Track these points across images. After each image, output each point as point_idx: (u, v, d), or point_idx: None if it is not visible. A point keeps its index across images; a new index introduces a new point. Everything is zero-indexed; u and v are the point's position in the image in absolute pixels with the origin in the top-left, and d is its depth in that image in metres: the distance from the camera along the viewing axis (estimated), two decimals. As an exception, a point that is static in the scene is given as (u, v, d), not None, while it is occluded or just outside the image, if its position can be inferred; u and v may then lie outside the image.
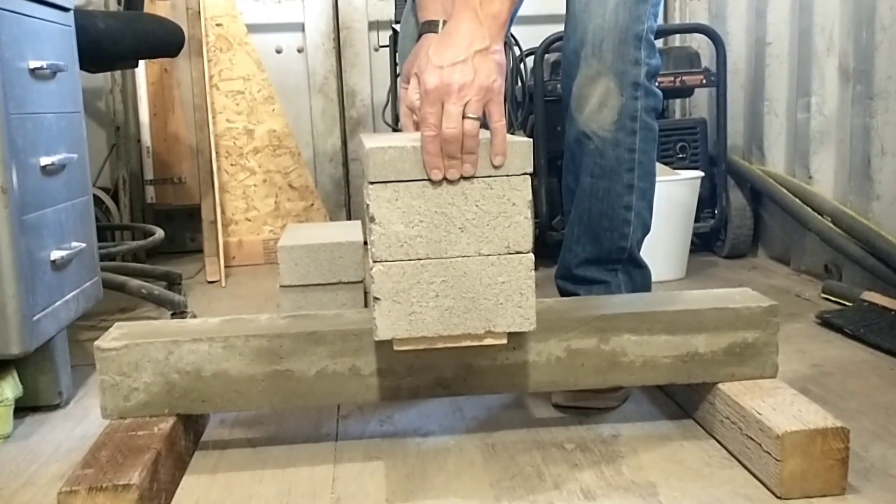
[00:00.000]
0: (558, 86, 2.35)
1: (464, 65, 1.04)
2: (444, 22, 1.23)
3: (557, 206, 2.45)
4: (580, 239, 1.44)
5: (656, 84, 1.41)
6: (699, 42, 2.77)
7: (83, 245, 1.56)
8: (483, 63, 1.05)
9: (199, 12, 2.65)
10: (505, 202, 1.03)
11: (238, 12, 2.87)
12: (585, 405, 1.37)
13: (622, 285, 1.45)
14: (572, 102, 1.39)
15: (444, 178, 1.02)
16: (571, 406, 1.37)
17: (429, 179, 1.02)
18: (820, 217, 2.17)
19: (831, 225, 2.13)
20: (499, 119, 1.04)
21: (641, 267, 1.47)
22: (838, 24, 2.13)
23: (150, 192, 3.02)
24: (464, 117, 1.02)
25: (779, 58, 2.43)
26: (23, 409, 1.43)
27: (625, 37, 1.33)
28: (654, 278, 1.50)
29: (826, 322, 1.82)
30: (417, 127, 1.14)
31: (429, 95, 1.03)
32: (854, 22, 2.06)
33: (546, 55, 2.41)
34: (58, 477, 1.21)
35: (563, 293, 1.49)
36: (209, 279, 2.57)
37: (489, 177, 1.03)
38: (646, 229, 1.45)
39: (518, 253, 1.04)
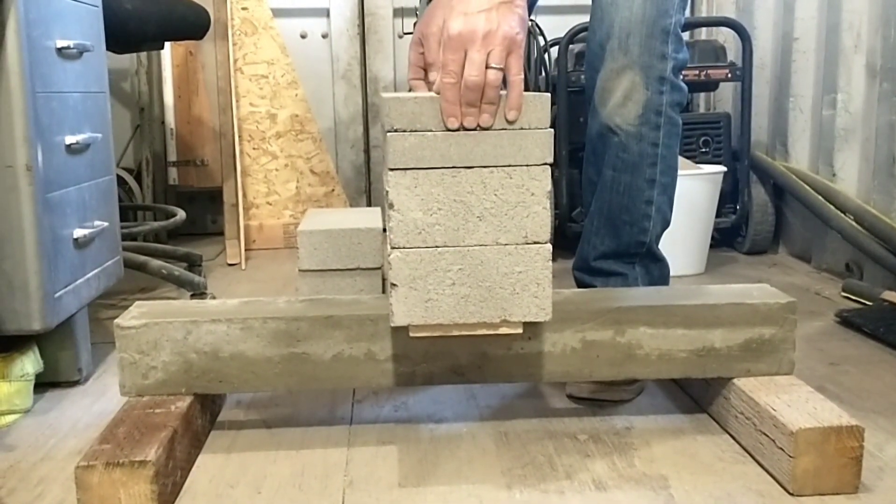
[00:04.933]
0: (582, 76, 2.34)
1: (489, 13, 1.02)
2: None
3: (578, 198, 2.45)
4: (599, 231, 1.44)
5: (682, 78, 1.40)
6: (725, 36, 2.75)
7: (105, 224, 1.57)
8: (507, 14, 1.03)
9: (225, -5, 2.67)
10: (524, 192, 1.03)
11: (264, -4, 2.88)
12: (600, 397, 1.37)
13: (639, 278, 1.44)
14: (596, 95, 1.38)
15: (461, 127, 1.01)
16: (586, 398, 1.37)
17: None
18: (842, 215, 2.16)
19: (853, 223, 2.11)
20: (517, 73, 1.02)
21: (660, 261, 1.47)
22: (867, 21, 2.11)
23: (173, 173, 3.04)
24: (486, 67, 1.01)
25: (805, 53, 2.41)
26: (43, 384, 1.45)
27: (652, 30, 1.32)
28: (673, 273, 1.49)
29: (845, 321, 1.81)
30: (427, 88, 1.13)
31: (452, 41, 1.01)
32: (882, 19, 2.03)
33: (570, 45, 2.40)
34: (76, 452, 1.23)
35: (580, 285, 1.49)
36: (229, 262, 2.58)
37: (508, 166, 1.03)
38: (665, 224, 1.44)
39: (536, 243, 1.04)
